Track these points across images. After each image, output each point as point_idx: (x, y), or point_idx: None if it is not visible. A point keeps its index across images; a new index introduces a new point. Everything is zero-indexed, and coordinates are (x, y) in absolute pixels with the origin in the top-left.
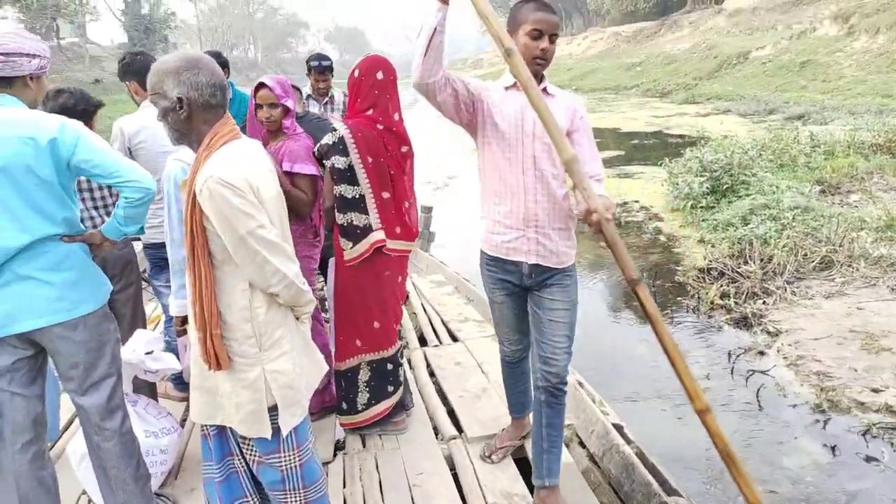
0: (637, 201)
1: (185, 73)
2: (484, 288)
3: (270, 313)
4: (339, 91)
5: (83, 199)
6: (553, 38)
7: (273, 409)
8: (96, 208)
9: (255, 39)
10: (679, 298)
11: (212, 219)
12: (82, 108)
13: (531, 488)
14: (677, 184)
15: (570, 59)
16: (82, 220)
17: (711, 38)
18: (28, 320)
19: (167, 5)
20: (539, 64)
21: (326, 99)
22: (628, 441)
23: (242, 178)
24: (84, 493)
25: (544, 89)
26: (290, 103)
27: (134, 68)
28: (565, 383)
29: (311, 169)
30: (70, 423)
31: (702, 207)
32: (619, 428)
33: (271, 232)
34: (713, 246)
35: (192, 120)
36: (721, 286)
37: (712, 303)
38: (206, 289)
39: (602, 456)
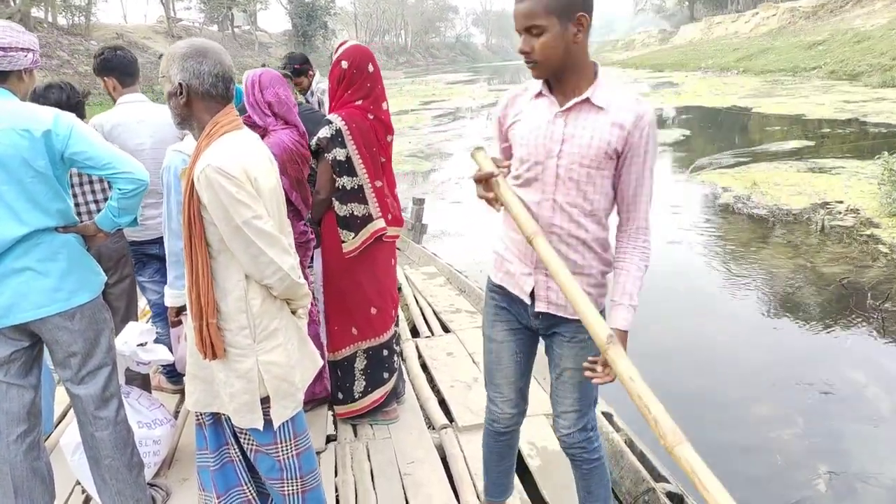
0: (841, 202)
1: (189, 61)
2: (482, 325)
3: (266, 305)
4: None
5: (84, 192)
6: (533, 30)
7: (266, 401)
8: (96, 202)
9: (405, 24)
10: None
11: (208, 207)
12: (76, 101)
13: (521, 478)
14: None
15: (735, 38)
16: (80, 213)
17: None
18: (27, 311)
19: None
20: (530, 67)
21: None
22: (617, 429)
23: (240, 167)
24: (78, 483)
25: (587, 100)
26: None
27: (113, 64)
28: (582, 447)
29: None
30: (64, 415)
31: None
32: (608, 416)
33: (268, 223)
34: None
35: (191, 106)
36: None
37: None
38: (203, 278)
39: None
